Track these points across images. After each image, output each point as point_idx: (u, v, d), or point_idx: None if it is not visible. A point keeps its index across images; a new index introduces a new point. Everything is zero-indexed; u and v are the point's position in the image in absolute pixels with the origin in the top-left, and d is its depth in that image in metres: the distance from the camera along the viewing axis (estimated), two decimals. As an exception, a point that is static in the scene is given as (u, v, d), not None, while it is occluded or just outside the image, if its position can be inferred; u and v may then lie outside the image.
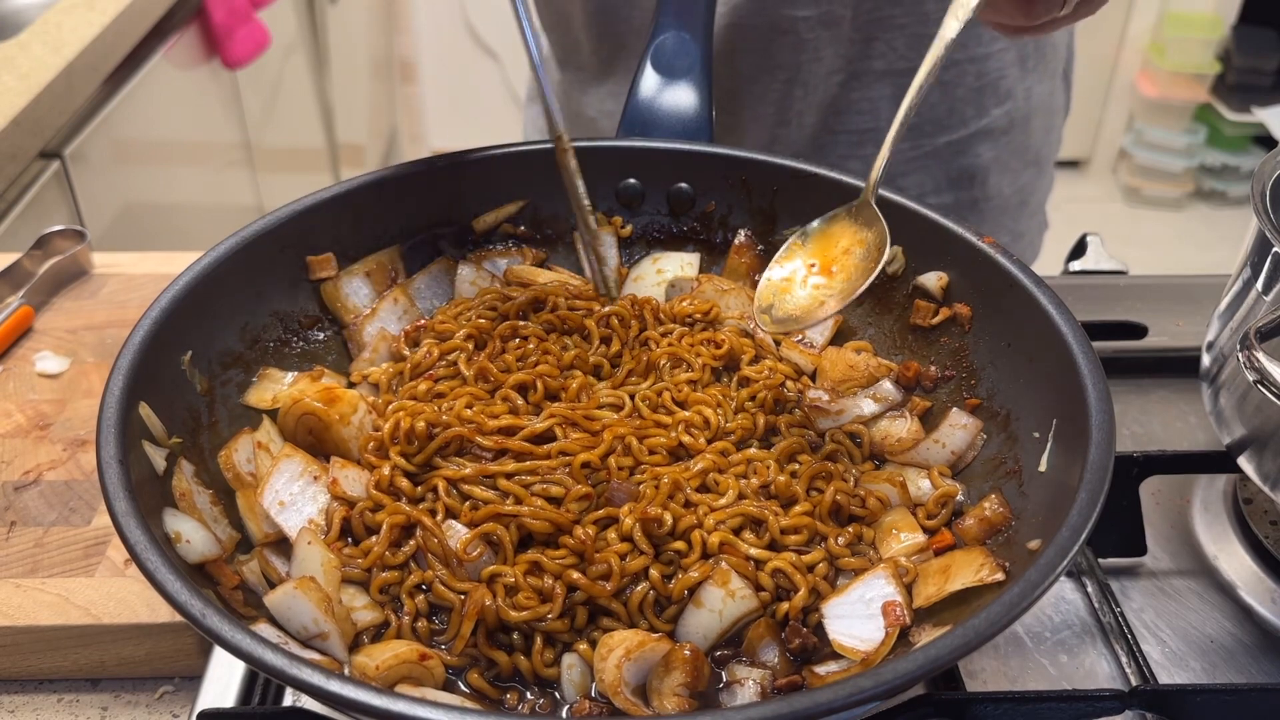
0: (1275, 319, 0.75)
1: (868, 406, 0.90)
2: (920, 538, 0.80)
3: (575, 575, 0.74)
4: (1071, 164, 4.41)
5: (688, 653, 0.70)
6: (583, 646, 0.73)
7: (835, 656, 0.74)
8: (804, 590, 0.75)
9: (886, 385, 0.91)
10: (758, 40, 1.23)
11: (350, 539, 0.79)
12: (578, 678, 0.72)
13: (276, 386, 0.88)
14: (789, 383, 0.91)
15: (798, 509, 0.80)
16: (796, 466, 0.84)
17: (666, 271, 1.01)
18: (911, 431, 0.88)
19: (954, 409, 0.87)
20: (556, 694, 0.72)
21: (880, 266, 0.84)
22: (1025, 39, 1.30)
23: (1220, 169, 4.13)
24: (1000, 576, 0.71)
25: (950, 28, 0.83)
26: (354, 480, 0.81)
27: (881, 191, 0.94)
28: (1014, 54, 1.32)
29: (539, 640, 0.73)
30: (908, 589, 0.76)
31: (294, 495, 0.80)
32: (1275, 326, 0.75)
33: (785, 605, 0.75)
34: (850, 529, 0.80)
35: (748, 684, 0.72)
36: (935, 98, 1.30)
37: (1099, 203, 4.24)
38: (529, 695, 0.73)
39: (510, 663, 0.73)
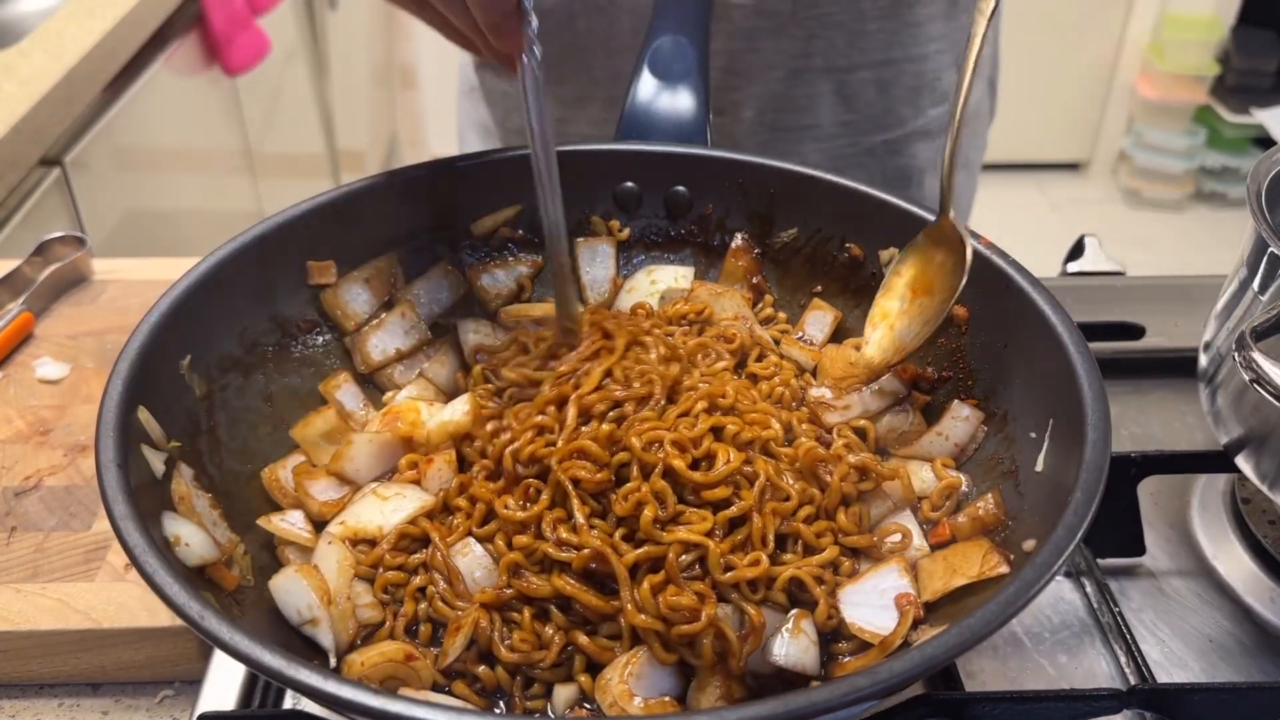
0: (1271, 318, 0.76)
1: (873, 401, 0.90)
2: (922, 544, 0.80)
3: (583, 640, 0.72)
4: (1071, 166, 4.41)
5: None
6: (581, 678, 0.72)
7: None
8: (823, 603, 0.74)
9: (890, 380, 0.91)
10: None
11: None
12: (568, 694, 0.72)
13: (325, 424, 0.88)
14: (794, 379, 0.91)
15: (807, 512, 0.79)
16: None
17: (660, 283, 1.01)
18: (915, 425, 0.88)
19: (955, 401, 0.87)
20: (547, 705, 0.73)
21: (962, 284, 0.84)
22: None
23: (1220, 171, 4.13)
24: (1004, 569, 0.71)
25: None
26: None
27: (878, 193, 0.94)
28: (950, 56, 1.34)
29: (522, 678, 0.73)
30: (917, 580, 0.76)
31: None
32: (1271, 326, 0.75)
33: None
34: (853, 509, 0.81)
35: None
36: (872, 95, 1.31)
37: (1099, 205, 4.24)
38: (516, 700, 0.72)
39: (494, 678, 0.73)
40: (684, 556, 0.72)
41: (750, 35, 1.24)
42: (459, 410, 0.85)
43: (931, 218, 0.90)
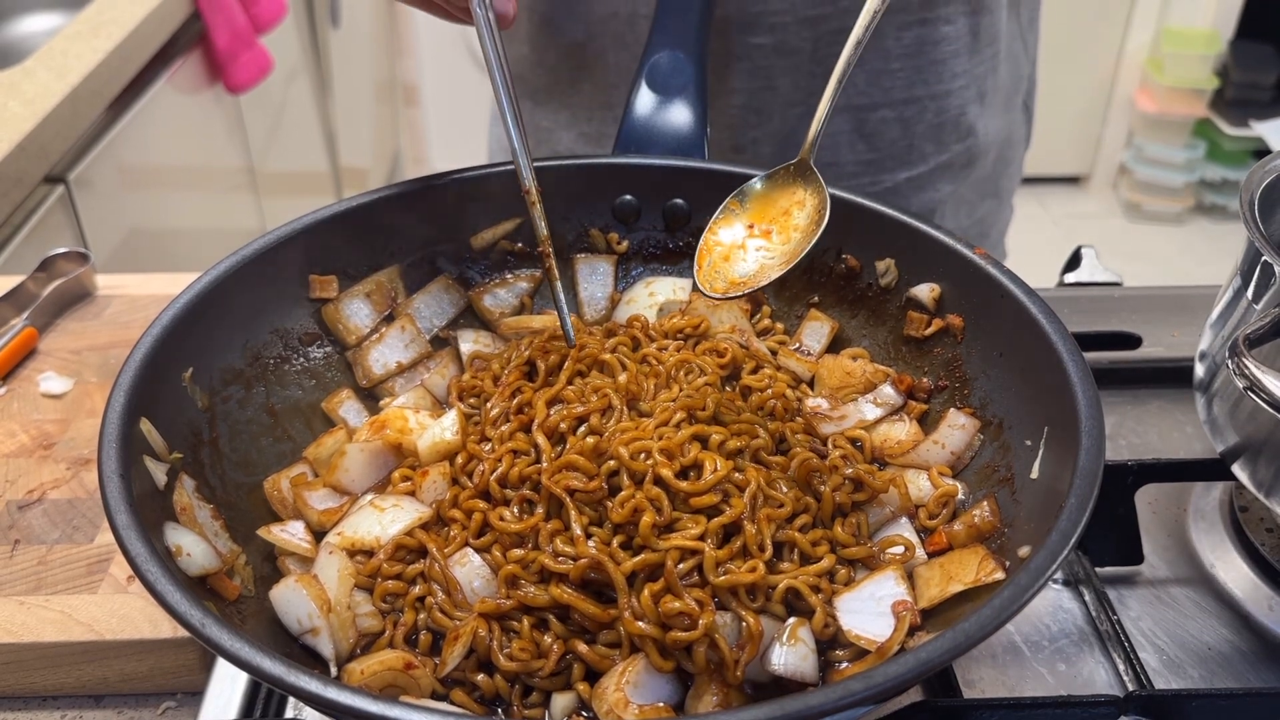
0: (1264, 326, 0.76)
1: (870, 411, 0.91)
2: (920, 553, 0.81)
3: (582, 648, 0.73)
4: (1072, 180, 4.42)
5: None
6: (580, 686, 0.72)
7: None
8: (820, 612, 0.74)
9: (887, 389, 0.92)
10: (714, 64, 1.24)
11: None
12: (566, 702, 0.72)
13: (336, 444, 0.89)
14: (788, 391, 0.92)
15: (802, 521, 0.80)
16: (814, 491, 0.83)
17: (658, 295, 1.02)
18: (911, 434, 0.89)
19: (951, 410, 0.88)
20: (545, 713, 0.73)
21: (821, 230, 0.84)
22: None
23: (1220, 183, 4.14)
24: (1000, 575, 0.72)
25: None
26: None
27: (874, 205, 0.95)
28: (974, 90, 1.33)
29: (520, 687, 0.73)
30: (914, 588, 0.77)
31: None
32: (1264, 333, 0.76)
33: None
34: (851, 519, 0.81)
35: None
36: (894, 133, 1.31)
37: (1100, 218, 4.25)
38: (515, 708, 0.73)
39: (493, 686, 0.73)
40: (681, 564, 0.73)
41: (769, 73, 1.24)
42: (448, 429, 0.86)
43: (947, 239, 0.91)
